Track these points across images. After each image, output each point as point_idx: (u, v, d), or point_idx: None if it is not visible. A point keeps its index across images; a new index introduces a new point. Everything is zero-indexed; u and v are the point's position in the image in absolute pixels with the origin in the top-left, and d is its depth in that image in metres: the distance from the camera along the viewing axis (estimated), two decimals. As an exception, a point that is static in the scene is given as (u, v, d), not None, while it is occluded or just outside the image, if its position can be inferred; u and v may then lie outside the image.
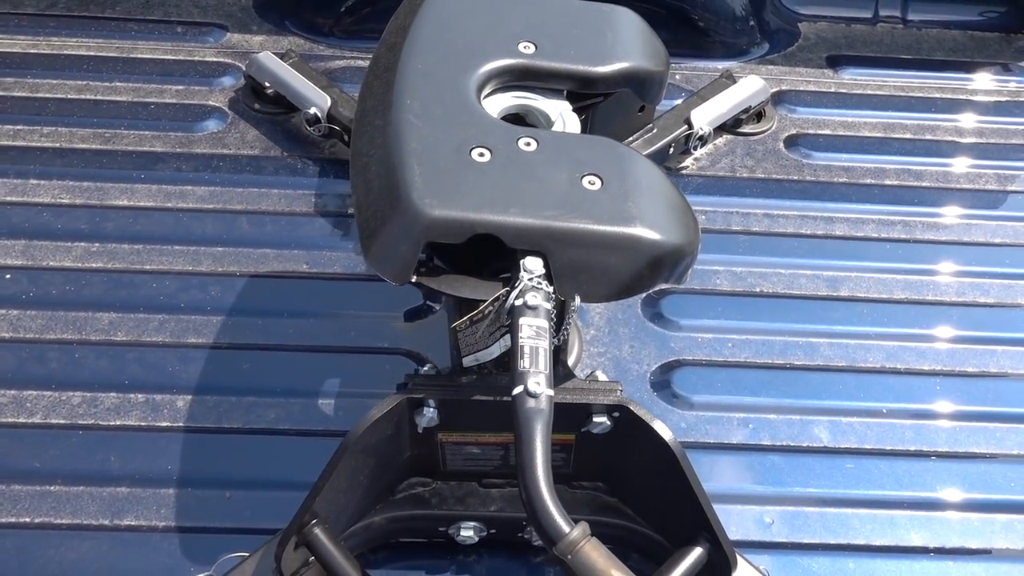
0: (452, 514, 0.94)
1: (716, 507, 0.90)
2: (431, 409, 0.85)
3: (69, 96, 1.48)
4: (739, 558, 0.90)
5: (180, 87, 1.51)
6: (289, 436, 1.10)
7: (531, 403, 0.70)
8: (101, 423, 1.09)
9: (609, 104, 1.02)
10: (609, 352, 1.21)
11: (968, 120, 1.58)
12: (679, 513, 0.89)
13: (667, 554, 0.89)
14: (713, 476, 1.09)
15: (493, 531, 0.95)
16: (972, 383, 1.21)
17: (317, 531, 0.85)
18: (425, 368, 0.89)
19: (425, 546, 1.00)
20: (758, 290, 1.30)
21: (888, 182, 1.47)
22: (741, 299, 1.29)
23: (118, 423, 1.10)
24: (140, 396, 1.12)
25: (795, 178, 1.46)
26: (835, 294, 1.30)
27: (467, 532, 0.94)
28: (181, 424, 1.10)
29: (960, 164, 1.51)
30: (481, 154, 0.81)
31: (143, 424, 1.10)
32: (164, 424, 1.10)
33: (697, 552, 0.86)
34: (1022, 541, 1.06)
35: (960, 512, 1.08)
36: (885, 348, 1.24)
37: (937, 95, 1.62)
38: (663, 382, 1.19)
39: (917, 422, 1.16)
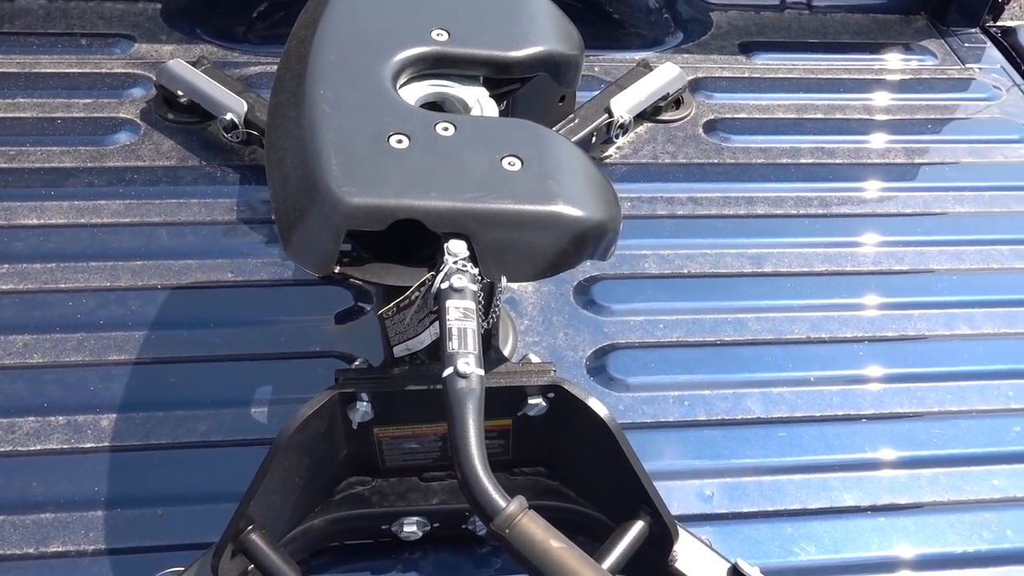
0: (394, 511, 0.92)
1: (658, 484, 0.91)
2: (364, 403, 0.84)
3: (-31, 115, 1.42)
4: (680, 530, 0.91)
5: (88, 100, 1.47)
6: (222, 447, 1.07)
7: (462, 384, 0.69)
8: (20, 449, 1.04)
9: (528, 93, 1.03)
10: (544, 340, 1.22)
11: (876, 98, 1.64)
12: (619, 490, 0.89)
13: (612, 533, 0.89)
14: (653, 454, 1.10)
15: (437, 525, 0.94)
16: (893, 347, 1.26)
17: (254, 537, 0.83)
18: (357, 363, 0.87)
19: (369, 547, 0.98)
20: (686, 271, 1.32)
21: (803, 161, 1.51)
22: (670, 281, 1.31)
23: (38, 447, 1.05)
24: (61, 418, 1.07)
25: (715, 161, 1.49)
26: (760, 271, 1.33)
27: (410, 528, 0.93)
28: (107, 444, 1.05)
29: (870, 140, 1.57)
30: (399, 141, 0.80)
31: (65, 447, 1.05)
32: (88, 445, 1.05)
33: (639, 526, 0.87)
34: (948, 493, 1.10)
35: (889, 470, 1.12)
36: (810, 319, 1.28)
37: (845, 76, 1.68)
38: (599, 367, 1.20)
39: (844, 388, 1.20)
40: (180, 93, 1.43)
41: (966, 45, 1.76)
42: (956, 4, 1.78)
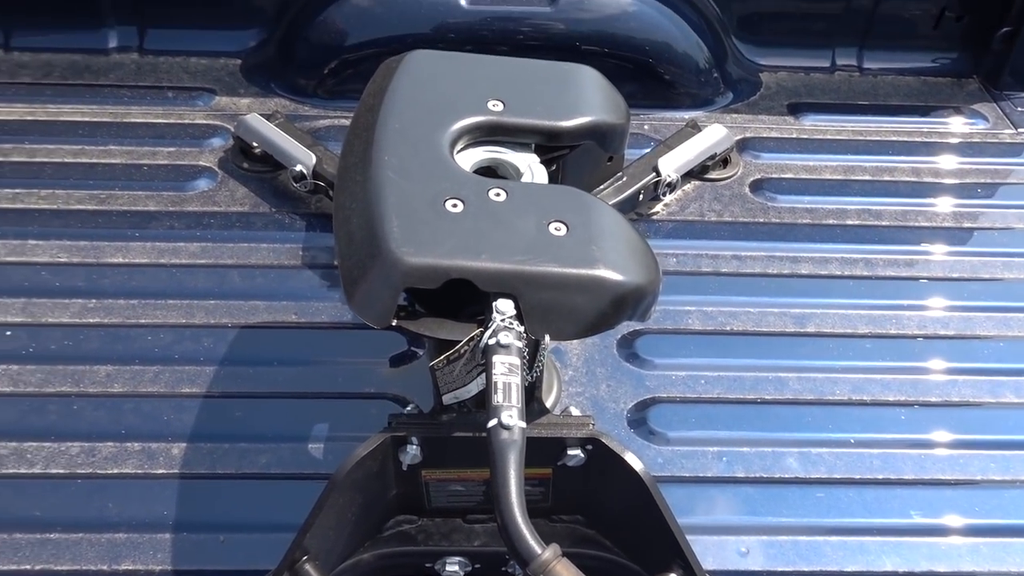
0: (438, 550, 0.98)
1: (693, 538, 0.94)
2: (414, 447, 0.90)
3: (65, 160, 1.55)
4: (713, 583, 0.94)
5: (172, 149, 1.58)
6: (280, 480, 1.14)
7: (504, 435, 0.75)
8: (99, 472, 1.13)
9: (577, 155, 1.10)
10: (587, 392, 1.26)
11: (925, 161, 1.66)
12: (654, 542, 0.93)
13: (645, 582, 0.93)
14: (690, 508, 1.13)
15: (478, 566, 0.99)
16: (936, 412, 1.26)
17: (308, 567, 0.89)
18: (408, 408, 0.94)
19: (413, 582, 1.03)
20: (728, 328, 1.36)
21: (850, 222, 1.54)
22: (712, 337, 1.34)
23: (115, 471, 1.13)
24: (136, 445, 1.16)
25: (761, 220, 1.53)
26: (802, 330, 1.36)
27: (452, 567, 0.98)
28: (176, 471, 1.14)
29: (919, 203, 1.58)
30: (455, 205, 0.87)
31: (139, 472, 1.13)
32: (160, 471, 1.14)
33: (671, 578, 0.90)
34: (988, 563, 1.10)
35: (929, 537, 1.12)
36: (851, 381, 1.30)
37: (894, 138, 1.71)
38: (639, 419, 1.24)
39: (885, 451, 1.21)
40: (255, 144, 1.54)
41: (1019, 109, 1.77)
42: (1009, 68, 1.80)
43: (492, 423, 0.75)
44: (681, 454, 1.19)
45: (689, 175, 1.56)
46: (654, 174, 1.47)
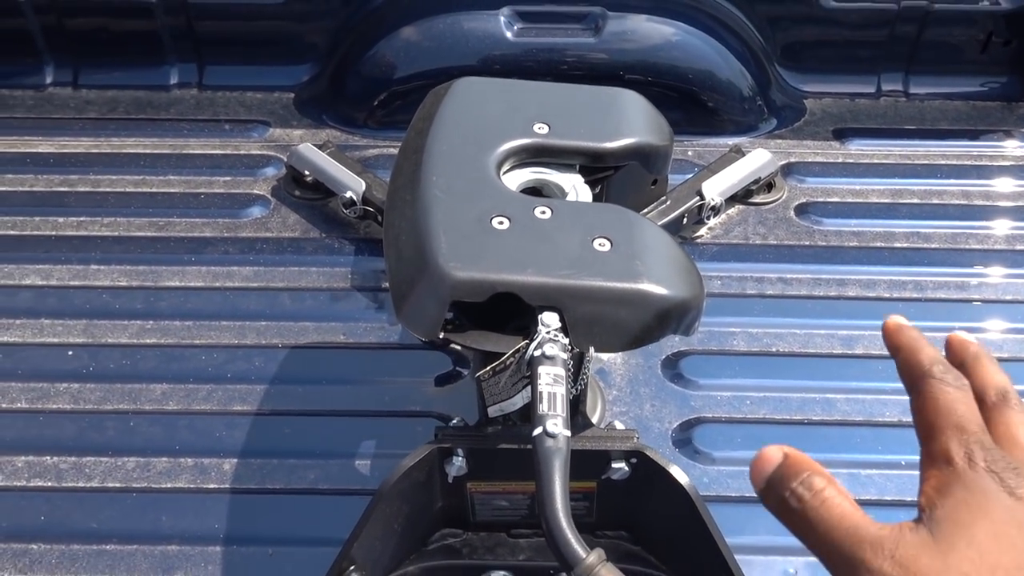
0: (483, 563, 0.98)
1: (740, 558, 0.93)
2: (460, 458, 0.91)
3: (127, 190, 1.62)
4: (761, 603, 0.93)
5: (227, 178, 1.64)
6: (328, 495, 1.16)
7: (549, 442, 0.76)
8: (153, 486, 1.17)
9: (621, 178, 1.11)
10: (631, 411, 1.27)
11: (975, 184, 1.64)
12: (699, 558, 0.92)
13: (690, 600, 0.92)
14: (737, 528, 1.11)
15: (522, 581, 0.99)
16: (990, 435, 1.23)
17: (355, 577, 0.90)
18: (454, 421, 0.95)
19: (457, 598, 1.04)
20: (774, 350, 1.35)
21: (898, 245, 1.52)
22: (758, 359, 1.34)
23: (169, 486, 1.17)
24: (190, 460, 1.19)
25: (807, 243, 1.52)
26: (850, 352, 1.35)
27: (497, 582, 0.99)
28: (227, 486, 1.17)
29: (969, 226, 1.56)
30: (500, 222, 0.90)
31: (192, 486, 1.17)
32: (212, 486, 1.17)
33: (718, 595, 0.89)
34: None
35: (984, 561, 1.09)
36: (902, 403, 1.25)
37: (942, 161, 1.69)
38: (685, 439, 1.23)
39: (937, 473, 1.18)
40: (307, 173, 1.59)
41: (1071, 132, 1.75)
42: (1062, 91, 1.78)
43: (537, 431, 0.76)
44: (727, 474, 1.18)
45: (733, 199, 1.57)
46: (698, 198, 1.48)
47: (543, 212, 0.91)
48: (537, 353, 0.81)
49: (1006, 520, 0.50)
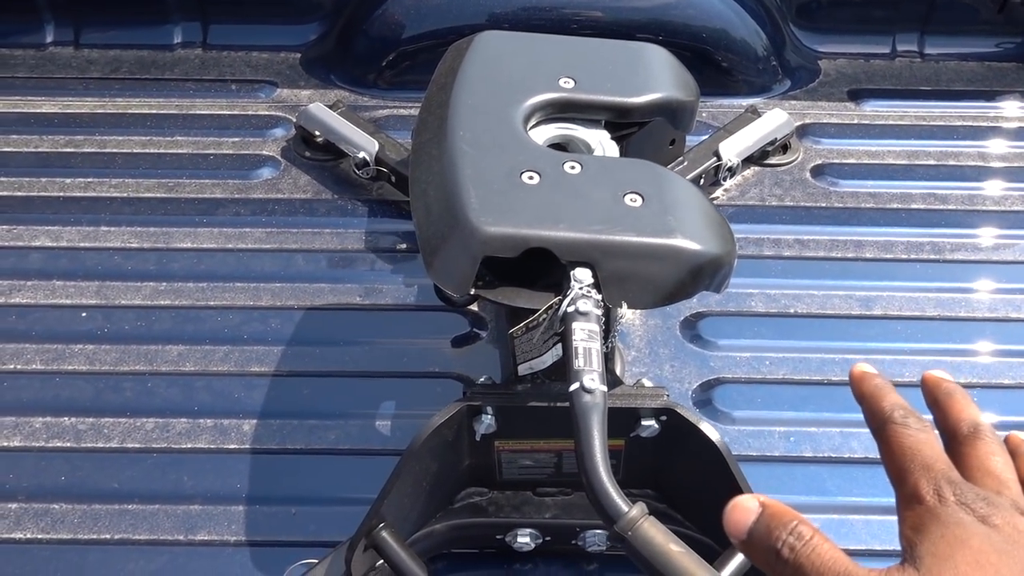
0: (510, 521, 0.98)
1: (762, 515, 0.93)
2: (488, 416, 0.90)
3: (135, 150, 1.59)
4: (787, 559, 0.93)
5: (236, 139, 1.62)
6: (349, 455, 1.16)
7: (587, 398, 0.75)
8: (173, 446, 1.16)
9: (642, 137, 1.10)
10: (650, 372, 1.26)
11: (991, 145, 1.63)
12: (727, 514, 0.92)
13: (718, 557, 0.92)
14: (758, 487, 1.10)
15: (548, 538, 1.00)
16: (1008, 394, 1.24)
17: (384, 534, 0.90)
18: (483, 379, 0.95)
19: (481, 555, 1.04)
20: (792, 311, 1.34)
21: (915, 206, 1.52)
22: (776, 320, 1.33)
23: (189, 446, 1.16)
24: (209, 421, 1.19)
25: (823, 205, 1.51)
26: (868, 313, 1.34)
27: (524, 539, 0.99)
28: (248, 446, 1.16)
29: (985, 187, 1.56)
30: (530, 177, 0.88)
31: (212, 447, 1.16)
32: (232, 446, 1.16)
33: (746, 550, 0.89)
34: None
35: (1004, 517, 1.10)
36: (921, 363, 1.28)
37: (959, 123, 1.67)
38: (705, 399, 1.23)
39: (956, 432, 1.19)
40: (317, 133, 1.57)
41: (1089, 93, 1.73)
42: (1079, 52, 1.76)
43: (574, 387, 0.76)
44: (747, 433, 1.18)
45: (749, 160, 1.55)
46: (715, 158, 1.47)
47: (572, 167, 0.90)
48: (571, 309, 0.81)
49: (984, 548, 0.52)
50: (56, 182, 1.53)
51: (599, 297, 0.82)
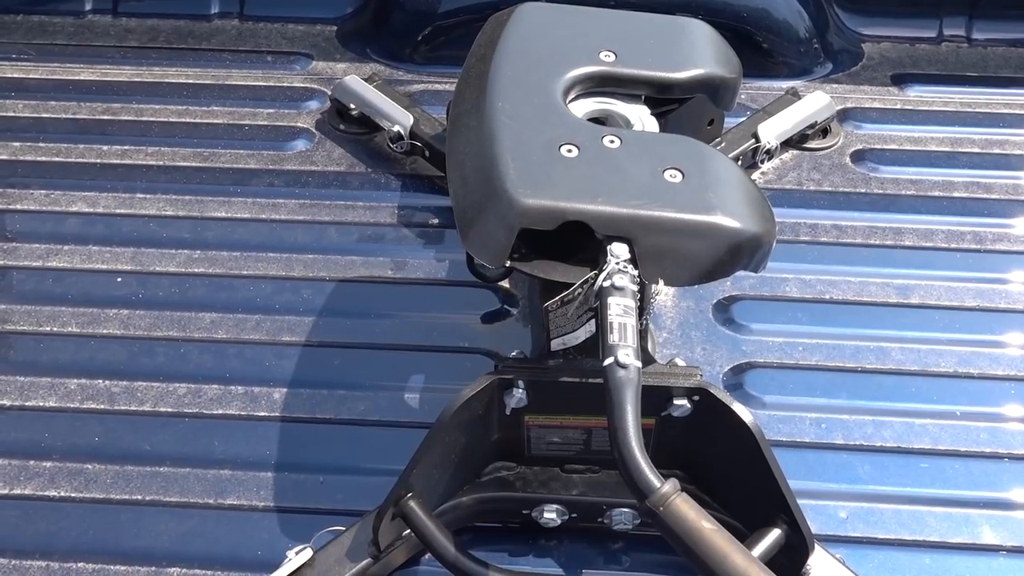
0: (536, 497, 0.98)
1: (793, 500, 0.92)
2: (520, 390, 0.90)
3: (171, 119, 1.60)
4: (815, 544, 0.92)
5: (271, 110, 1.62)
6: (377, 427, 1.16)
7: (621, 373, 0.75)
8: (205, 412, 1.17)
9: (681, 115, 1.08)
10: (682, 354, 1.25)
11: (1037, 135, 1.59)
12: (757, 498, 0.91)
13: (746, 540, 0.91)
14: (788, 472, 1.08)
15: (575, 515, 0.99)
16: (1048, 388, 1.21)
17: (412, 504, 0.90)
18: (515, 353, 0.94)
19: (506, 530, 1.04)
20: (828, 297, 1.32)
21: (957, 194, 1.48)
22: (811, 305, 1.31)
23: (220, 412, 1.17)
24: (240, 388, 1.20)
25: (862, 191, 1.48)
26: (905, 301, 1.32)
27: (550, 515, 0.99)
28: (278, 414, 1.17)
29: (1031, 178, 1.51)
30: (569, 150, 0.87)
31: (243, 414, 1.17)
32: (262, 414, 1.17)
33: (775, 533, 0.89)
34: (1103, 542, 1.05)
35: (1038, 512, 1.08)
36: (958, 353, 1.25)
37: (1005, 111, 1.63)
38: (736, 383, 1.22)
39: (992, 425, 1.17)
40: (352, 106, 1.56)
41: None
42: None
43: (608, 361, 0.75)
44: (778, 419, 1.17)
45: (788, 144, 1.52)
46: (753, 140, 1.45)
47: (612, 141, 0.89)
48: (607, 284, 0.80)
49: None
50: (93, 149, 1.54)
51: (636, 273, 0.81)
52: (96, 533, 1.05)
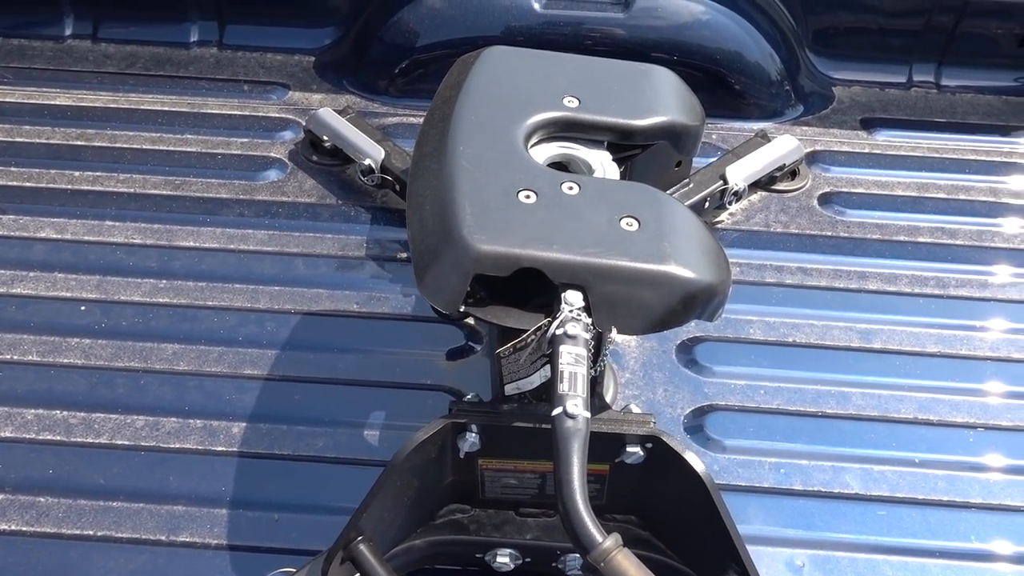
0: (490, 540, 0.98)
1: (748, 548, 0.92)
2: (473, 434, 0.90)
3: (144, 147, 1.60)
4: (769, 594, 0.92)
5: (245, 140, 1.62)
6: (336, 464, 1.15)
7: (569, 423, 0.75)
8: (162, 445, 1.16)
9: (647, 158, 1.09)
10: (644, 395, 1.25)
11: (1004, 181, 1.61)
12: (709, 545, 0.91)
13: (698, 587, 0.91)
14: (745, 518, 1.11)
15: (528, 559, 0.99)
16: (1008, 436, 1.22)
17: (362, 547, 0.90)
18: (469, 396, 0.94)
19: (460, 574, 1.03)
20: (791, 340, 1.33)
21: (922, 239, 1.50)
22: (774, 348, 1.32)
23: (177, 446, 1.16)
24: (199, 422, 1.19)
25: (828, 234, 1.50)
26: (868, 346, 1.33)
27: (503, 559, 0.98)
28: (235, 449, 1.16)
29: (996, 224, 1.53)
30: (527, 196, 0.88)
31: (200, 448, 1.16)
32: (220, 448, 1.16)
33: (727, 583, 0.88)
34: (1058, 595, 1.06)
35: (991, 563, 1.08)
36: (918, 400, 1.26)
37: (971, 157, 1.66)
38: (696, 426, 1.22)
39: (951, 473, 1.18)
40: (325, 138, 1.57)
41: (1105, 133, 1.71)
42: (1095, 91, 1.74)
43: (557, 411, 0.75)
44: (737, 463, 1.17)
45: (756, 185, 1.54)
46: (721, 182, 1.46)
47: (571, 188, 0.89)
48: (559, 331, 0.80)
49: None
50: (65, 174, 1.54)
51: (589, 321, 0.81)
52: (44, 569, 1.04)
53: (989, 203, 1.57)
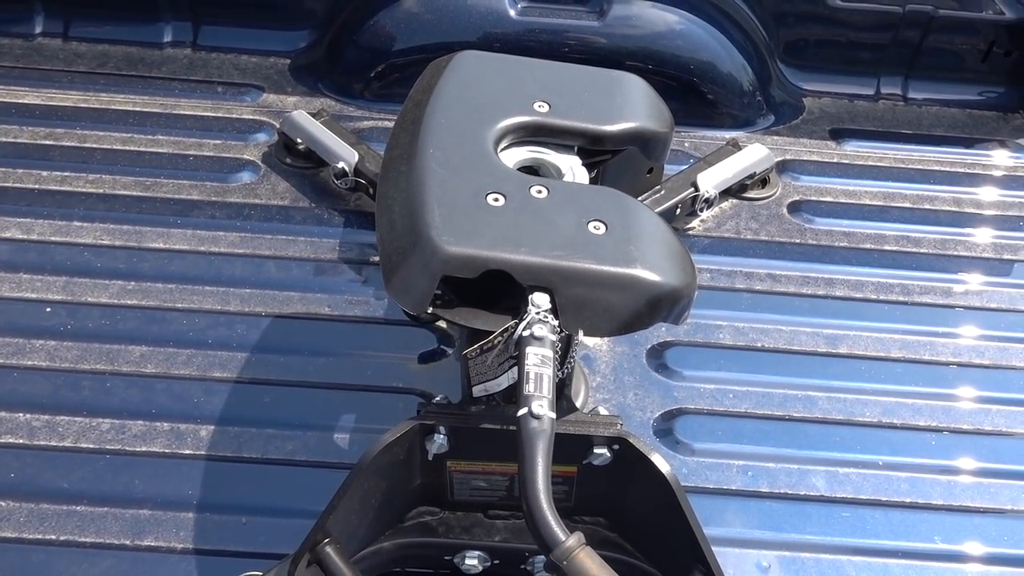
0: (458, 543, 0.98)
1: (716, 549, 0.93)
2: (441, 436, 0.90)
3: (114, 147, 1.59)
4: (734, 595, 0.93)
5: (218, 141, 1.61)
6: (305, 467, 1.15)
7: (534, 424, 0.75)
8: (127, 448, 1.15)
9: (618, 164, 1.10)
10: (614, 399, 1.26)
11: (967, 192, 1.65)
12: (676, 546, 0.92)
13: (664, 589, 0.92)
14: (712, 520, 1.12)
15: (497, 561, 0.99)
16: (968, 440, 1.25)
17: (329, 550, 0.89)
18: (438, 398, 0.94)
19: (430, 575, 1.03)
20: (759, 345, 1.35)
21: (887, 247, 1.53)
22: (743, 353, 1.34)
23: (144, 449, 1.15)
24: (166, 425, 1.18)
25: (797, 241, 1.52)
26: (834, 351, 1.35)
27: (472, 561, 0.98)
28: (203, 452, 1.15)
29: (959, 233, 1.57)
30: (496, 199, 0.88)
31: (167, 451, 1.15)
32: (187, 452, 1.15)
33: (692, 585, 0.89)
34: (1018, 596, 1.08)
35: (952, 563, 1.10)
36: (882, 404, 1.28)
37: (936, 167, 1.69)
38: (666, 429, 1.23)
39: (913, 475, 1.20)
40: (299, 141, 1.57)
41: (1066, 146, 1.75)
42: (1057, 105, 1.78)
43: (522, 412, 0.76)
44: (706, 466, 1.18)
45: (727, 193, 1.56)
46: (692, 189, 1.48)
47: (539, 191, 0.90)
48: (526, 333, 0.80)
49: None
50: (32, 174, 1.52)
51: (556, 323, 0.82)
52: (5, 574, 1.02)
53: (953, 213, 1.60)
